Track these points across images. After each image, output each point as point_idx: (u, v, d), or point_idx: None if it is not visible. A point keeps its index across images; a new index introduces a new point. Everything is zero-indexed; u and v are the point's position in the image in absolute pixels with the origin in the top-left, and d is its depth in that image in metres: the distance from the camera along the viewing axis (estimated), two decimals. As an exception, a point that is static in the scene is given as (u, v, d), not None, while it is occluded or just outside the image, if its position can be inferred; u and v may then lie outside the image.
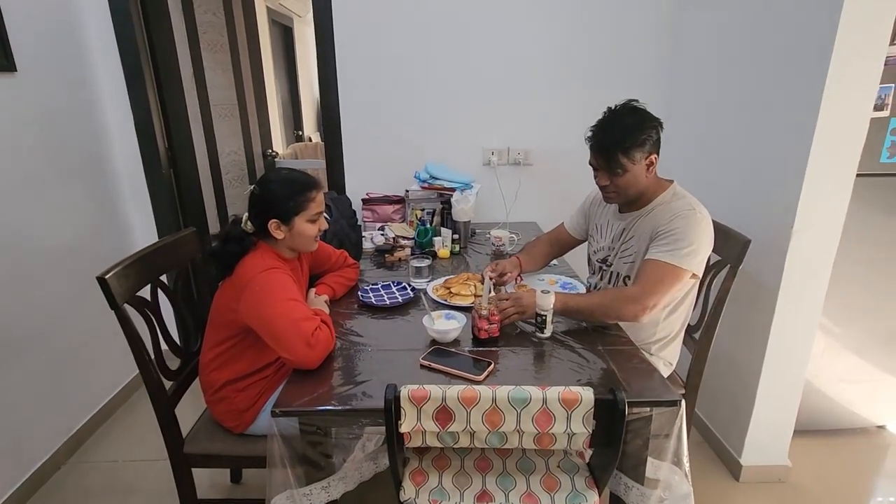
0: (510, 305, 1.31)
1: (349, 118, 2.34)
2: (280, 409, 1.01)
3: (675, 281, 1.31)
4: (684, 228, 1.31)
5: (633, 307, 1.29)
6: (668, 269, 1.30)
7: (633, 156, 1.33)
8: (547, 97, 2.32)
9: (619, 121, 1.35)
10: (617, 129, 1.34)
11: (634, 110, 1.36)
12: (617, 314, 1.32)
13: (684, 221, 1.32)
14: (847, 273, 1.73)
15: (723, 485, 1.80)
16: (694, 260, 1.31)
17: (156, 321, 1.36)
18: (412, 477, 1.09)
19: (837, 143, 1.47)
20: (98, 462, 1.91)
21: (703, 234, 1.33)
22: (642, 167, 1.35)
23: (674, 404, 1.03)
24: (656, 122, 1.35)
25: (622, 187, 1.39)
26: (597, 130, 1.38)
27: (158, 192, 2.32)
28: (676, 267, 1.29)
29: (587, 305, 1.33)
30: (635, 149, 1.32)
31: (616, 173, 1.36)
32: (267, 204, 1.29)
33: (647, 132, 1.32)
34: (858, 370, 1.94)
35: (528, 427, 0.92)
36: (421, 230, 2.02)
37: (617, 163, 1.34)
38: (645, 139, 1.32)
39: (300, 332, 1.14)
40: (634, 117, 1.34)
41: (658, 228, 1.35)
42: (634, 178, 1.36)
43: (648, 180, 1.38)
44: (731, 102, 1.87)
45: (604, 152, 1.36)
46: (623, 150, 1.33)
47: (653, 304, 1.30)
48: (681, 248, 1.29)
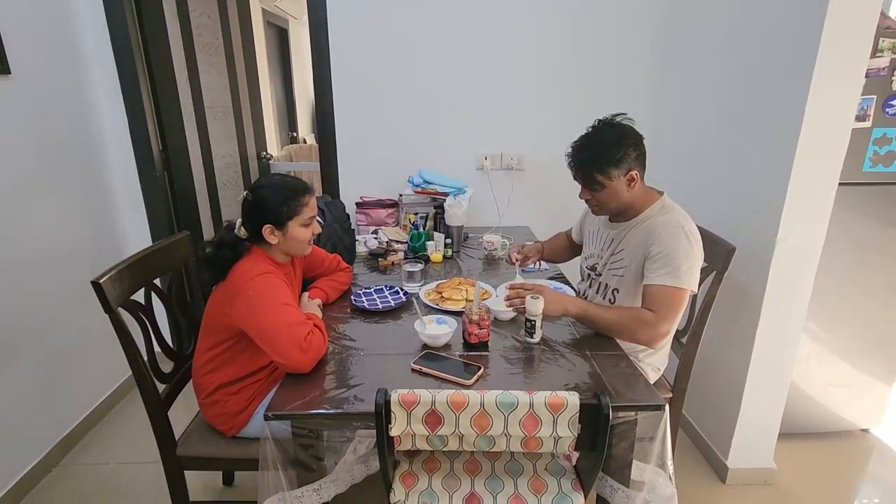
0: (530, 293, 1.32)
1: (344, 122, 2.36)
2: (272, 413, 1.03)
3: (683, 302, 1.34)
4: (676, 248, 1.33)
5: (649, 332, 1.31)
6: (674, 292, 1.32)
7: (609, 173, 1.36)
8: (540, 103, 2.35)
9: (597, 139, 1.38)
10: (592, 149, 1.38)
11: (613, 128, 1.39)
12: (632, 336, 1.34)
13: (675, 241, 1.33)
14: (833, 279, 1.77)
15: (709, 487, 1.83)
16: (693, 278, 1.34)
17: (149, 324, 1.37)
18: (402, 479, 1.11)
19: (820, 153, 1.51)
20: (90, 464, 1.91)
21: (695, 251, 1.35)
22: (622, 183, 1.38)
23: (658, 409, 1.06)
24: (636, 138, 1.37)
25: (603, 202, 1.43)
26: (574, 149, 1.42)
27: (152, 194, 2.33)
28: (681, 289, 1.32)
29: (604, 319, 1.34)
30: (611, 167, 1.35)
31: (595, 189, 1.40)
32: (260, 210, 1.30)
33: (623, 150, 1.35)
34: (844, 375, 1.97)
35: (516, 431, 0.94)
36: (414, 234, 2.04)
37: (594, 180, 1.38)
38: (621, 157, 1.35)
39: (293, 336, 1.15)
40: (612, 135, 1.37)
41: (650, 248, 1.36)
42: (615, 193, 1.39)
43: (633, 194, 1.41)
44: (717, 113, 1.91)
45: (581, 170, 1.40)
46: (598, 168, 1.36)
47: (666, 330, 1.33)
48: (679, 268, 1.31)
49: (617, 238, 1.50)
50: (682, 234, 1.34)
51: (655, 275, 1.34)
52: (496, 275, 1.85)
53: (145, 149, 2.26)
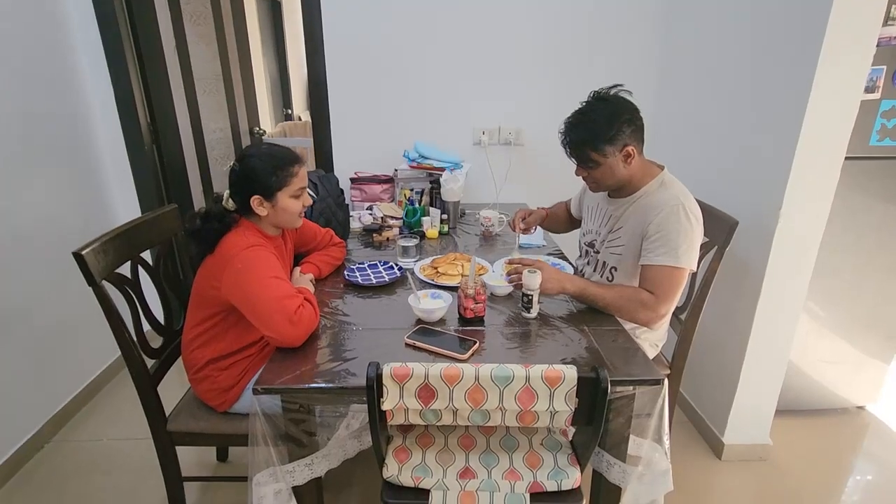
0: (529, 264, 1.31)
1: (337, 95, 2.29)
2: (262, 387, 1.00)
3: (682, 282, 1.31)
4: (675, 227, 1.28)
5: (648, 314, 1.29)
6: (673, 272, 1.28)
7: (603, 151, 1.31)
8: (540, 76, 2.28)
9: (589, 116, 1.32)
10: (585, 126, 1.32)
11: (606, 103, 1.33)
12: (631, 316, 1.31)
13: (674, 219, 1.29)
14: (832, 256, 1.74)
15: (705, 463, 1.83)
16: (692, 257, 1.30)
17: (136, 299, 1.33)
18: (395, 454, 1.09)
19: (828, 125, 1.46)
20: (83, 441, 1.90)
21: (694, 229, 1.30)
22: (617, 160, 1.33)
23: (657, 383, 1.04)
24: (630, 113, 1.31)
25: (599, 179, 1.38)
26: (566, 128, 1.36)
27: (141, 169, 2.27)
28: (680, 269, 1.28)
29: (604, 297, 1.31)
30: (604, 144, 1.30)
31: (589, 167, 1.36)
32: (248, 180, 1.26)
33: (617, 126, 1.29)
34: (840, 352, 1.97)
35: (511, 405, 0.92)
36: (409, 210, 1.99)
37: (588, 158, 1.33)
38: (614, 134, 1.29)
39: (283, 309, 1.12)
40: (605, 111, 1.31)
41: (648, 226, 1.32)
42: (610, 170, 1.34)
43: (630, 170, 1.36)
44: (721, 85, 1.85)
45: (574, 149, 1.35)
46: (592, 146, 1.32)
47: (665, 311, 1.31)
48: (678, 248, 1.28)
49: (615, 215, 1.46)
50: (681, 212, 1.29)
51: (654, 254, 1.30)
52: (493, 251, 1.81)
53: (133, 121, 2.19)
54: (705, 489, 1.72)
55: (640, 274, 1.35)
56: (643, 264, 1.34)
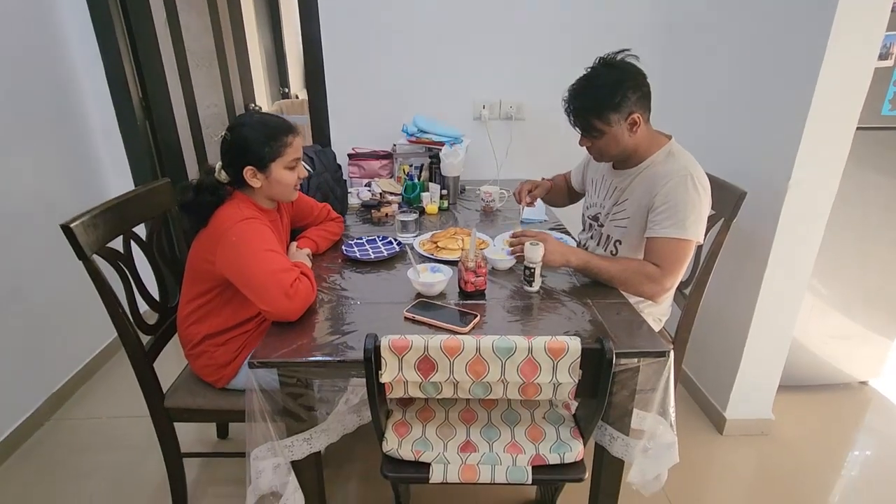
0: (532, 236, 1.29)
1: (333, 69, 2.22)
2: (258, 360, 0.98)
3: (688, 254, 1.28)
4: (683, 198, 1.25)
5: (653, 287, 1.26)
6: (680, 245, 1.25)
7: (608, 119, 1.27)
8: (542, 48, 2.22)
9: (593, 82, 1.28)
10: (589, 93, 1.27)
11: (611, 68, 1.28)
12: (636, 289, 1.28)
13: (682, 190, 1.25)
14: (836, 229, 1.69)
15: (706, 437, 1.83)
16: (700, 229, 1.27)
17: (130, 274, 1.31)
18: (395, 428, 1.07)
19: (840, 93, 1.41)
20: (82, 419, 1.89)
21: (702, 200, 1.27)
22: (622, 128, 1.28)
23: (662, 355, 1.02)
24: (636, 79, 1.26)
25: (603, 149, 1.34)
26: (570, 95, 1.31)
27: (134, 144, 2.22)
28: (687, 241, 1.25)
29: (608, 270, 1.27)
30: (610, 112, 1.26)
31: (594, 136, 1.31)
32: (241, 150, 1.22)
33: (622, 93, 1.24)
34: (844, 327, 1.95)
35: (513, 377, 0.89)
36: (409, 185, 1.95)
37: (592, 127, 1.29)
38: (620, 101, 1.25)
39: (279, 283, 1.09)
40: (610, 77, 1.26)
41: (655, 197, 1.28)
42: (615, 139, 1.30)
43: (636, 139, 1.31)
44: (729, 49, 1.79)
45: (578, 117, 1.31)
46: (596, 114, 1.27)
47: (671, 284, 1.28)
48: (685, 219, 1.24)
49: (620, 187, 1.42)
50: (689, 182, 1.25)
51: (660, 227, 1.27)
52: (494, 226, 1.78)
53: (124, 95, 2.13)
54: (706, 464, 1.72)
55: (646, 246, 1.31)
56: (648, 237, 1.30)
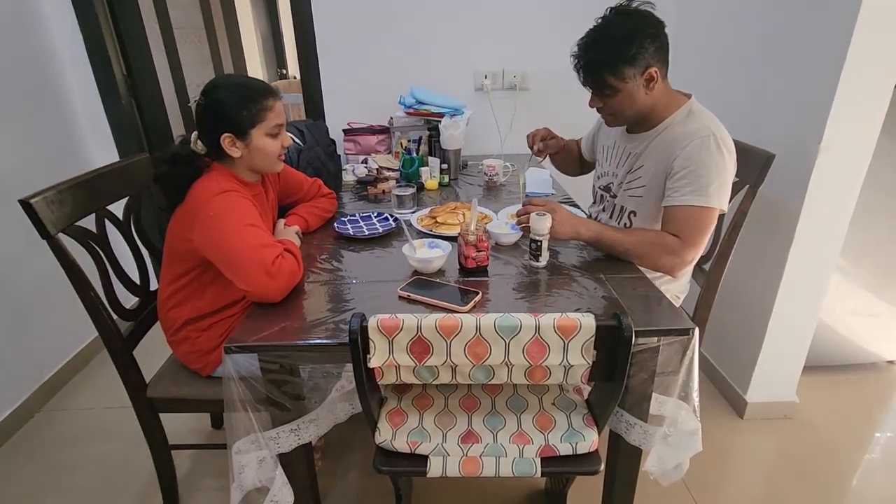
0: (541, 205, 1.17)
1: (327, 41, 2.10)
2: (235, 345, 0.88)
3: (711, 224, 1.16)
4: (706, 161, 1.12)
5: (671, 259, 1.15)
6: (702, 213, 1.14)
7: (622, 73, 1.13)
8: (546, 12, 2.07)
9: (606, 33, 1.15)
10: (602, 45, 1.14)
11: (626, 17, 1.14)
12: (653, 262, 1.17)
13: (705, 152, 1.13)
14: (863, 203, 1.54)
15: (726, 422, 1.73)
16: (724, 196, 1.15)
17: (104, 255, 1.21)
18: (389, 418, 0.98)
19: (879, 45, 1.27)
20: (73, 409, 1.83)
21: (727, 164, 1.15)
22: (638, 84, 1.15)
23: (685, 333, 0.91)
24: (654, 28, 1.13)
25: (617, 109, 1.21)
26: (580, 47, 1.18)
27: (119, 123, 2.12)
28: (709, 208, 1.13)
29: (623, 243, 1.17)
30: (624, 66, 1.13)
31: (606, 95, 1.18)
32: (217, 116, 1.11)
33: (638, 44, 1.11)
34: (870, 305, 1.83)
35: (519, 359, 0.79)
36: (406, 160, 1.84)
37: (605, 83, 1.16)
38: (636, 54, 1.11)
39: (259, 259, 0.99)
40: (624, 27, 1.13)
41: (674, 161, 1.16)
42: (630, 97, 1.17)
43: (652, 97, 1.18)
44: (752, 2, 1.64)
45: (589, 73, 1.18)
46: (610, 69, 1.13)
47: (692, 257, 1.18)
48: (708, 185, 1.12)
49: (635, 152, 1.29)
50: (712, 144, 1.13)
51: (679, 193, 1.15)
52: (497, 201, 1.67)
53: (107, 71, 2.03)
54: (726, 449, 1.62)
55: (664, 215, 1.20)
56: (667, 205, 1.19)
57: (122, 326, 1.21)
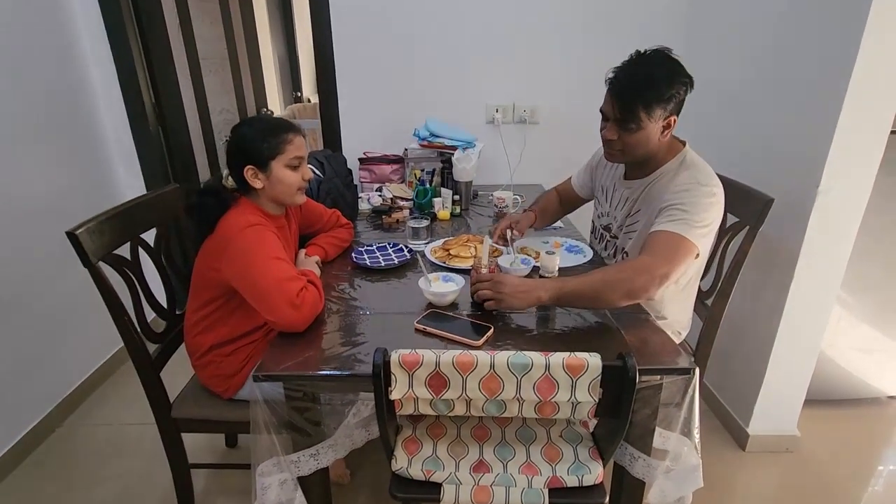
0: (487, 289, 1.11)
1: (345, 72, 2.20)
2: (262, 374, 0.95)
3: (687, 255, 1.14)
4: (694, 202, 1.16)
5: (643, 278, 1.08)
6: (680, 240, 1.13)
7: (653, 112, 1.17)
8: (556, 49, 2.17)
9: (648, 68, 1.18)
10: (643, 77, 1.16)
11: (667, 60, 1.19)
12: (626, 288, 1.08)
13: (694, 196, 1.17)
14: (864, 240, 1.59)
15: (728, 454, 1.75)
16: (705, 239, 1.18)
17: (137, 281, 1.29)
18: (405, 445, 1.03)
19: (874, 95, 1.34)
20: (94, 425, 1.88)
21: (714, 212, 1.19)
22: (658, 127, 1.20)
23: (687, 372, 0.96)
24: (687, 79, 1.18)
25: (631, 145, 1.23)
26: (620, 73, 1.20)
27: (146, 150, 2.22)
28: (688, 240, 1.13)
29: (587, 285, 1.09)
30: (658, 105, 1.16)
31: (629, 129, 1.19)
32: (240, 150, 1.20)
33: (675, 88, 1.16)
34: (872, 340, 1.87)
35: (529, 395, 0.85)
36: (420, 190, 1.92)
37: (634, 116, 1.17)
38: (671, 96, 1.16)
39: (284, 292, 1.06)
40: (665, 68, 1.17)
41: (665, 203, 1.20)
42: (647, 137, 1.20)
43: (661, 144, 1.24)
44: (753, 47, 1.72)
45: (623, 100, 1.18)
46: (645, 102, 1.16)
47: (664, 272, 1.11)
48: (691, 222, 1.15)
49: (632, 198, 1.35)
50: (698, 191, 1.18)
51: (663, 222, 1.17)
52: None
53: (137, 100, 2.13)
54: (728, 481, 1.65)
55: (643, 243, 1.20)
56: (649, 233, 1.19)
57: (150, 349, 1.28)
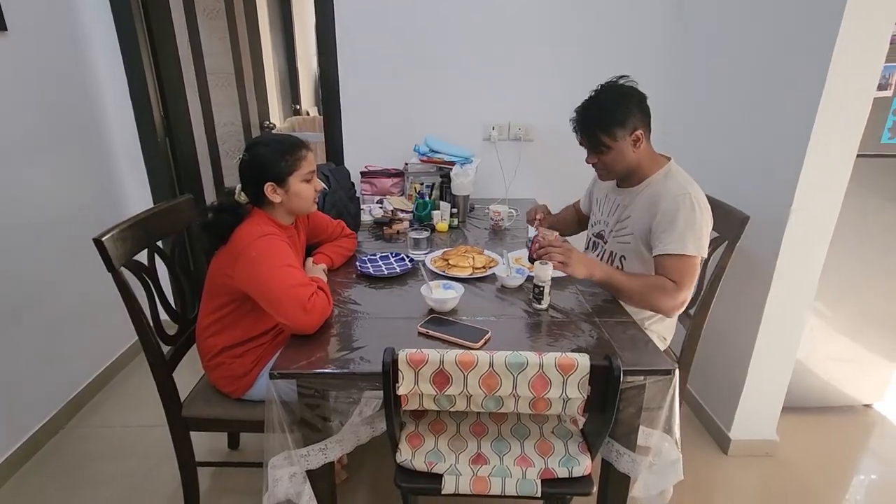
0: (560, 252, 1.29)
1: (348, 90, 2.30)
2: (278, 372, 1.02)
3: (696, 269, 1.33)
4: (680, 215, 1.31)
5: (670, 302, 1.30)
6: (683, 260, 1.30)
7: (614, 133, 1.35)
8: (549, 71, 2.29)
9: (600, 99, 1.38)
10: (596, 108, 1.37)
11: (615, 88, 1.38)
12: (652, 304, 1.33)
13: (680, 208, 1.31)
14: (839, 253, 1.72)
15: (711, 458, 1.84)
16: (700, 244, 1.32)
17: (153, 286, 1.36)
18: (409, 440, 1.11)
19: (840, 123, 1.47)
20: (97, 427, 1.93)
21: (701, 217, 1.33)
22: (627, 143, 1.36)
23: (667, 373, 1.05)
24: (639, 97, 1.37)
25: (609, 164, 1.41)
26: (578, 112, 1.41)
27: (154, 161, 2.30)
28: (688, 256, 1.30)
29: (628, 287, 1.32)
30: (615, 126, 1.34)
31: (601, 151, 1.38)
32: (259, 168, 1.28)
33: (627, 108, 1.34)
34: (847, 350, 1.97)
35: (524, 391, 0.93)
36: (420, 203, 2.01)
37: (599, 141, 1.36)
38: (625, 117, 1.34)
39: (296, 297, 1.14)
40: (613, 95, 1.37)
41: (655, 217, 1.35)
42: (620, 154, 1.38)
43: (638, 155, 1.39)
44: (734, 77, 1.85)
45: (585, 131, 1.39)
46: (602, 128, 1.35)
47: (685, 298, 1.32)
48: (683, 237, 1.30)
49: (623, 203, 1.48)
50: (686, 202, 1.32)
51: (662, 244, 1.33)
52: (502, 245, 1.82)
53: (147, 114, 2.22)
54: (711, 484, 1.73)
55: (655, 264, 1.36)
56: (655, 255, 1.36)
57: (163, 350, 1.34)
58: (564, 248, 1.31)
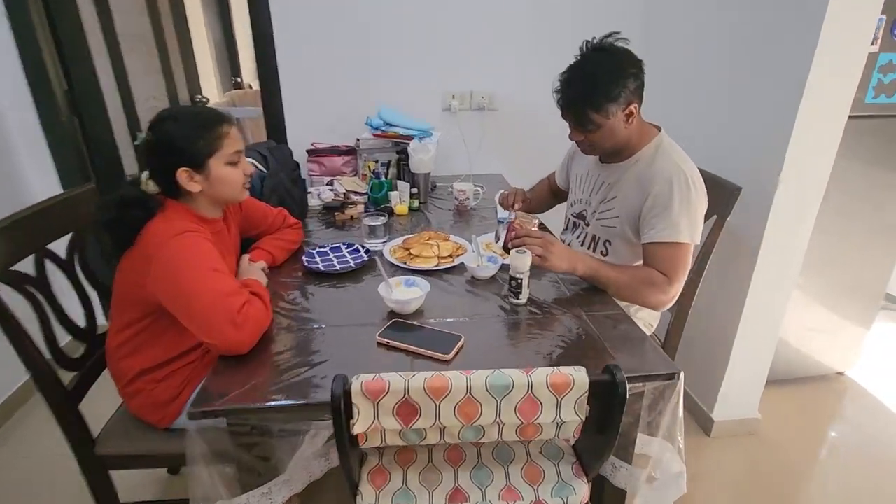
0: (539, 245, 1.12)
1: (288, 56, 2.01)
2: (200, 410, 0.81)
3: (689, 258, 1.19)
4: (676, 197, 1.16)
5: (660, 297, 1.18)
6: (678, 249, 1.17)
7: (605, 110, 1.15)
8: (514, 34, 2.07)
9: (589, 70, 1.16)
10: (585, 82, 1.16)
11: (608, 55, 1.17)
12: (642, 299, 1.21)
13: (675, 189, 1.16)
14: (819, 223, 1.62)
15: (694, 440, 1.77)
16: (695, 231, 1.18)
17: (46, 300, 1.09)
18: (371, 478, 0.92)
19: (833, 83, 1.34)
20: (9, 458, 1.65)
21: (697, 199, 1.18)
22: (619, 119, 1.17)
23: (672, 378, 0.91)
24: (635, 66, 1.16)
25: (597, 141, 1.23)
26: (563, 84, 1.20)
27: (59, 143, 1.95)
28: (683, 244, 1.17)
29: (615, 282, 1.17)
30: (608, 103, 1.14)
31: (589, 130, 1.19)
32: (169, 150, 1.02)
33: (621, 82, 1.14)
34: (821, 319, 1.93)
35: (510, 418, 0.76)
36: (375, 184, 1.78)
37: (588, 119, 1.17)
38: (619, 91, 1.14)
39: (224, 308, 0.92)
40: (606, 65, 1.15)
41: (646, 199, 1.19)
42: (611, 131, 1.19)
43: (629, 130, 1.21)
44: (715, 38, 1.69)
45: (572, 109, 1.19)
46: (594, 105, 1.15)
47: (676, 293, 1.20)
48: (678, 222, 1.16)
49: (608, 182, 1.31)
50: (682, 182, 1.17)
51: (655, 231, 1.18)
52: (468, 227, 1.64)
53: (43, 83, 1.86)
54: (695, 467, 1.65)
55: (644, 253, 1.22)
56: (645, 242, 1.20)
57: (66, 377, 1.09)
58: (545, 241, 1.13)
